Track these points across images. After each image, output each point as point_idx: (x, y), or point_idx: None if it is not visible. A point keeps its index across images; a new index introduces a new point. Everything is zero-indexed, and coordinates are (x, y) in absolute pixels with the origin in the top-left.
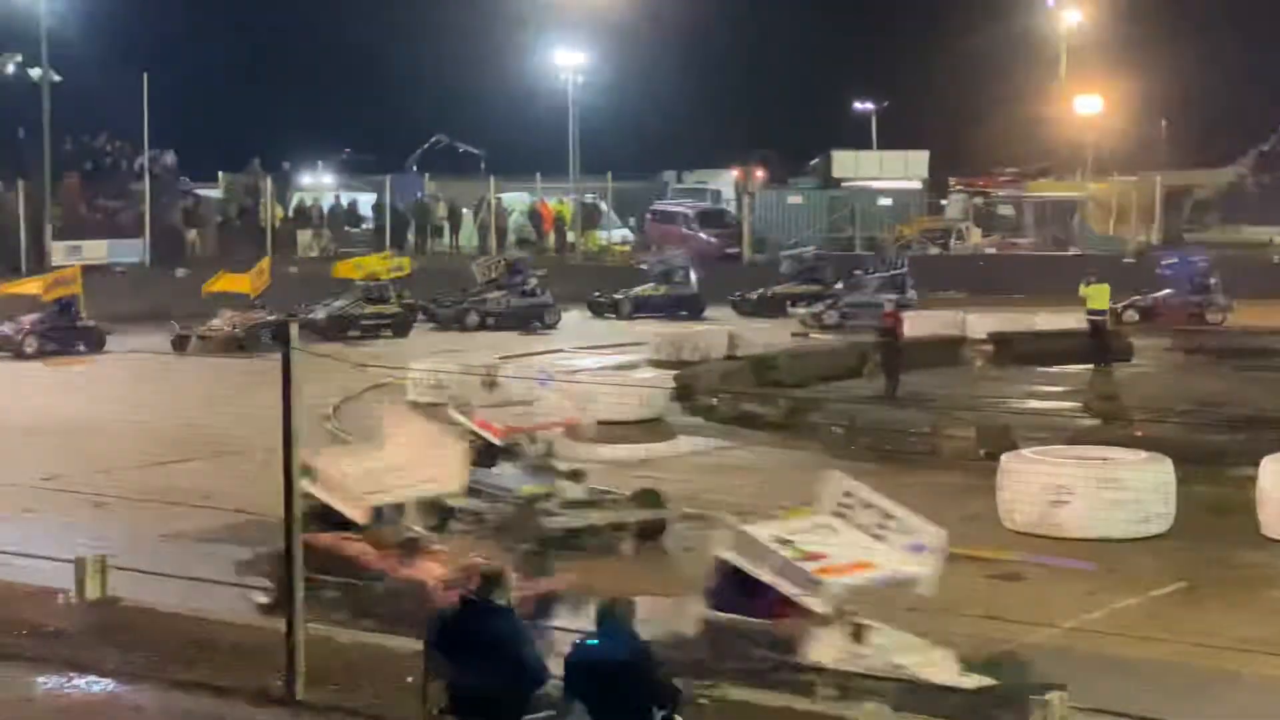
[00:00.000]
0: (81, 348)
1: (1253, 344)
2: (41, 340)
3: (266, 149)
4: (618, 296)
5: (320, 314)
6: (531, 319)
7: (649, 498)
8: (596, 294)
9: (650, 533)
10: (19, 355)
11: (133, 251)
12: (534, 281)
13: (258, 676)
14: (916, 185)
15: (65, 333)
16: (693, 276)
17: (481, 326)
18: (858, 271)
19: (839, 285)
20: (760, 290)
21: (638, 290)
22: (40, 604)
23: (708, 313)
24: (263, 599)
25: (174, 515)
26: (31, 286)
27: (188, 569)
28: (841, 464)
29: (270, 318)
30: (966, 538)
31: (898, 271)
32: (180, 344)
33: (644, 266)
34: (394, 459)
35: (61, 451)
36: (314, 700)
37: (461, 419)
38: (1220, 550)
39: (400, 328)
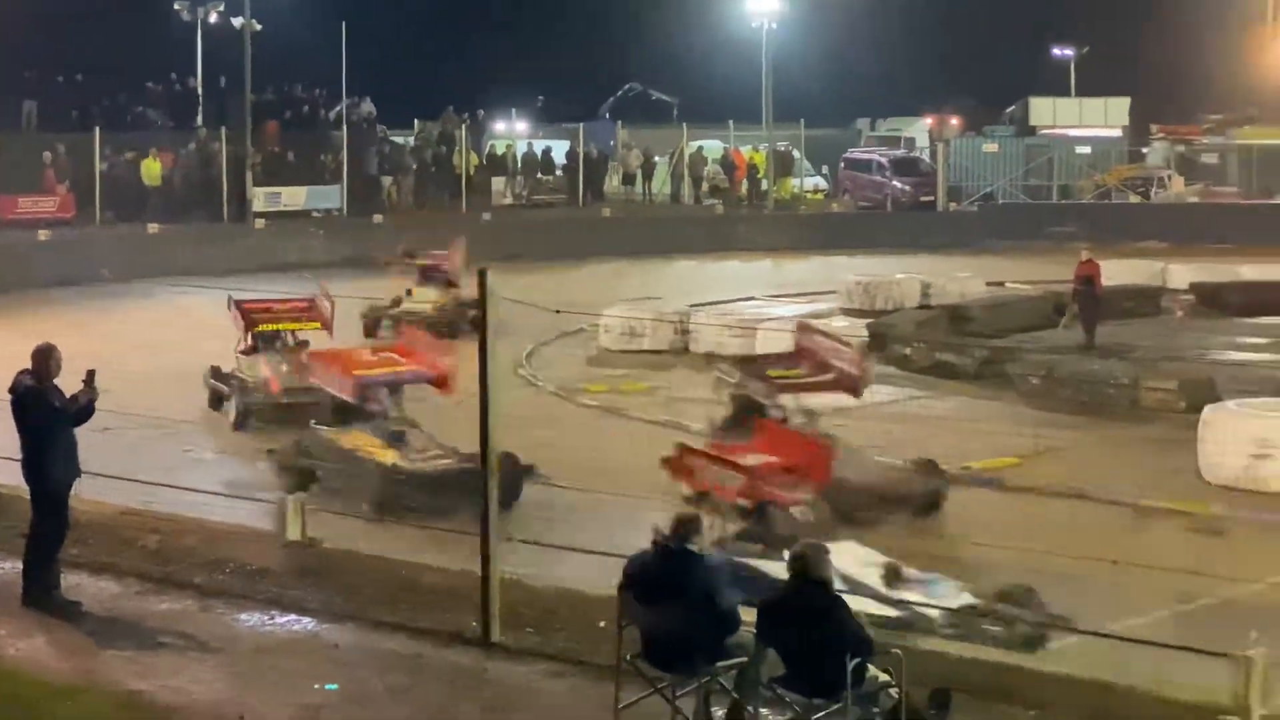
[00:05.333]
0: None
1: None
2: None
3: (461, 97)
4: None
5: None
6: None
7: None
8: None
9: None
10: None
11: (330, 198)
12: None
13: (455, 619)
14: (1117, 133)
15: None
16: None
17: None
18: None
19: None
20: None
21: None
22: (244, 544)
23: None
24: None
25: None
26: None
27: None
28: (1038, 414)
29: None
30: (1167, 491)
31: None
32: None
33: None
34: None
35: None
36: (509, 643)
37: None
38: None
39: None
